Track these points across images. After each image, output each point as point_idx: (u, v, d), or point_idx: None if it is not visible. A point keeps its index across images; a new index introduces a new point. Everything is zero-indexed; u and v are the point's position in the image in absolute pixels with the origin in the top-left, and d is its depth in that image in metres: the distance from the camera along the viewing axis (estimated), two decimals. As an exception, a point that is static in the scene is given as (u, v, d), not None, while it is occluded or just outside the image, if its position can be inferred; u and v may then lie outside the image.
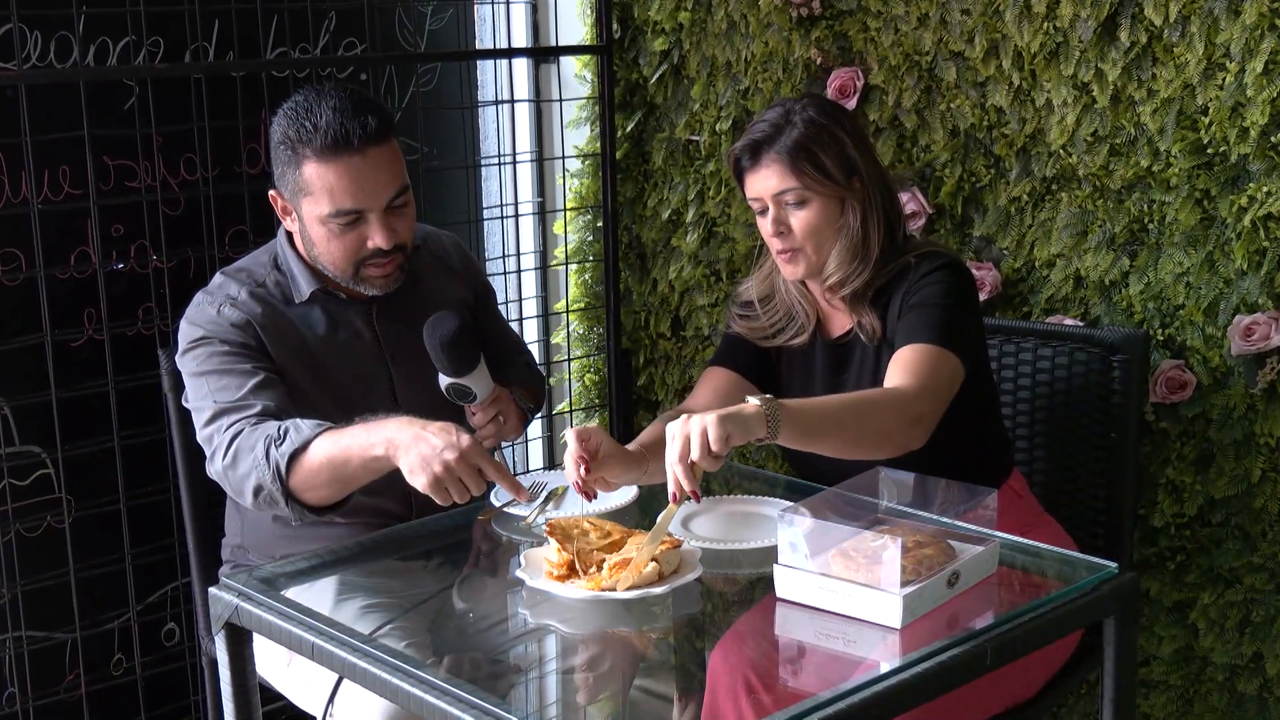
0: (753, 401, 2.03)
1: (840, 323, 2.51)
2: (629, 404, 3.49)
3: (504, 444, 2.68)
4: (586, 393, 3.59)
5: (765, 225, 2.43)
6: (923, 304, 2.35)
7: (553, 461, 3.66)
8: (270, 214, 2.98)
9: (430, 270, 2.65)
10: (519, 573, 2.08)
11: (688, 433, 1.98)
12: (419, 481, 2.17)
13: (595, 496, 2.19)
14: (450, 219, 3.30)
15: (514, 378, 2.71)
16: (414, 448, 2.17)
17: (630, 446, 2.25)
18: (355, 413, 2.48)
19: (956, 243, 2.96)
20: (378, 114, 2.38)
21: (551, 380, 3.54)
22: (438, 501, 2.18)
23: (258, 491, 2.30)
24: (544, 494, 2.44)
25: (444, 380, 2.50)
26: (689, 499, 2.01)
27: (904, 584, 1.88)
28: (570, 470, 2.15)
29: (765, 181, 2.40)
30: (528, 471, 2.87)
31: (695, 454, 1.97)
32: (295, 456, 2.26)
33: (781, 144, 2.38)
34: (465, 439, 2.17)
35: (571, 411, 3.59)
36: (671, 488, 2.01)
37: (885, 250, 2.42)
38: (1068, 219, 2.81)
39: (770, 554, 2.03)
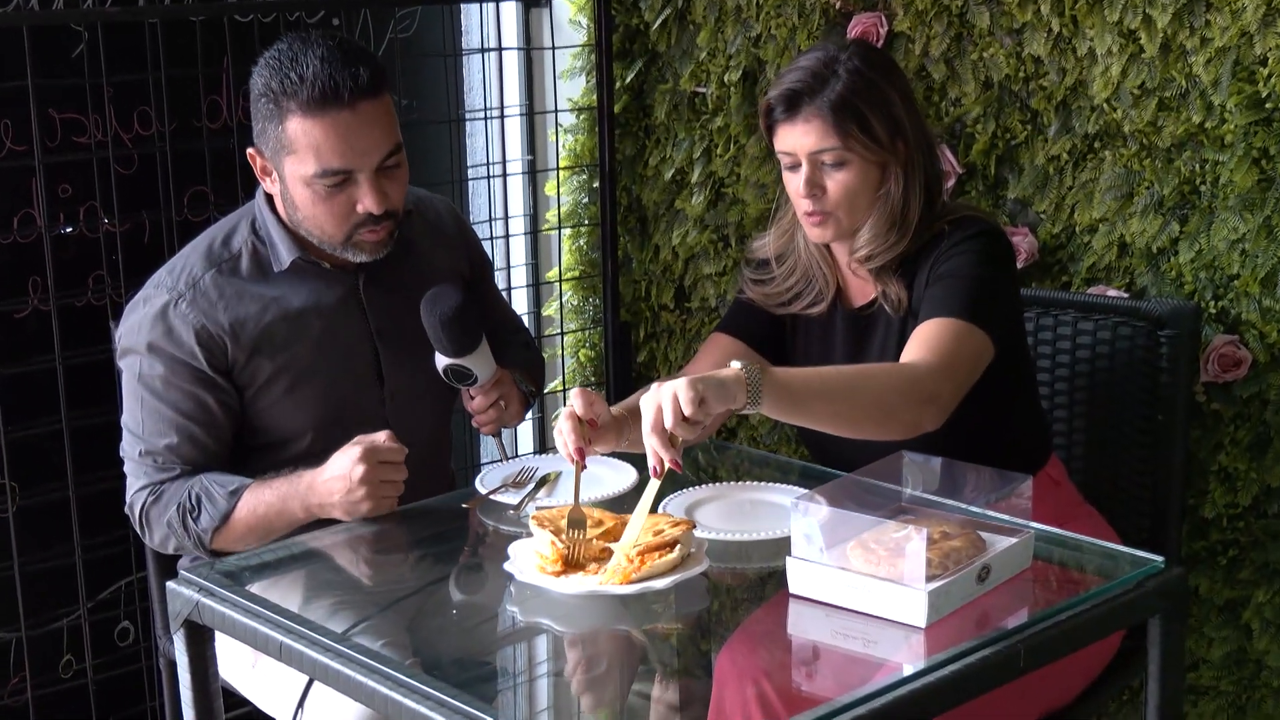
0: (734, 365, 2.04)
1: (863, 291, 2.51)
2: (628, 382, 3.49)
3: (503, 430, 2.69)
4: (581, 370, 3.60)
5: (795, 183, 2.42)
6: (951, 275, 2.35)
7: (544, 445, 3.67)
8: (233, 173, 2.98)
9: (423, 238, 2.65)
10: (508, 566, 2.09)
11: (659, 401, 2.00)
12: (364, 512, 2.33)
13: (585, 467, 2.20)
14: (432, 179, 3.30)
15: (512, 359, 2.72)
16: (333, 498, 2.34)
17: (614, 410, 2.26)
18: (337, 397, 2.50)
19: (989, 205, 2.96)
20: (369, 65, 2.38)
21: (543, 356, 3.54)
22: (392, 509, 2.36)
23: (178, 548, 2.50)
24: (534, 480, 2.44)
25: (442, 361, 2.51)
26: (672, 471, 2.02)
27: (929, 579, 1.88)
28: (569, 435, 2.16)
29: (802, 138, 2.39)
30: (517, 456, 2.87)
31: (669, 421, 1.98)
32: (216, 529, 2.43)
33: (824, 98, 2.37)
34: (355, 450, 2.32)
35: (565, 390, 3.60)
36: (650, 460, 2.02)
37: (922, 219, 2.42)
38: (1111, 180, 2.81)
39: (783, 546, 2.04)
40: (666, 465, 2.01)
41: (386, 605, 2.17)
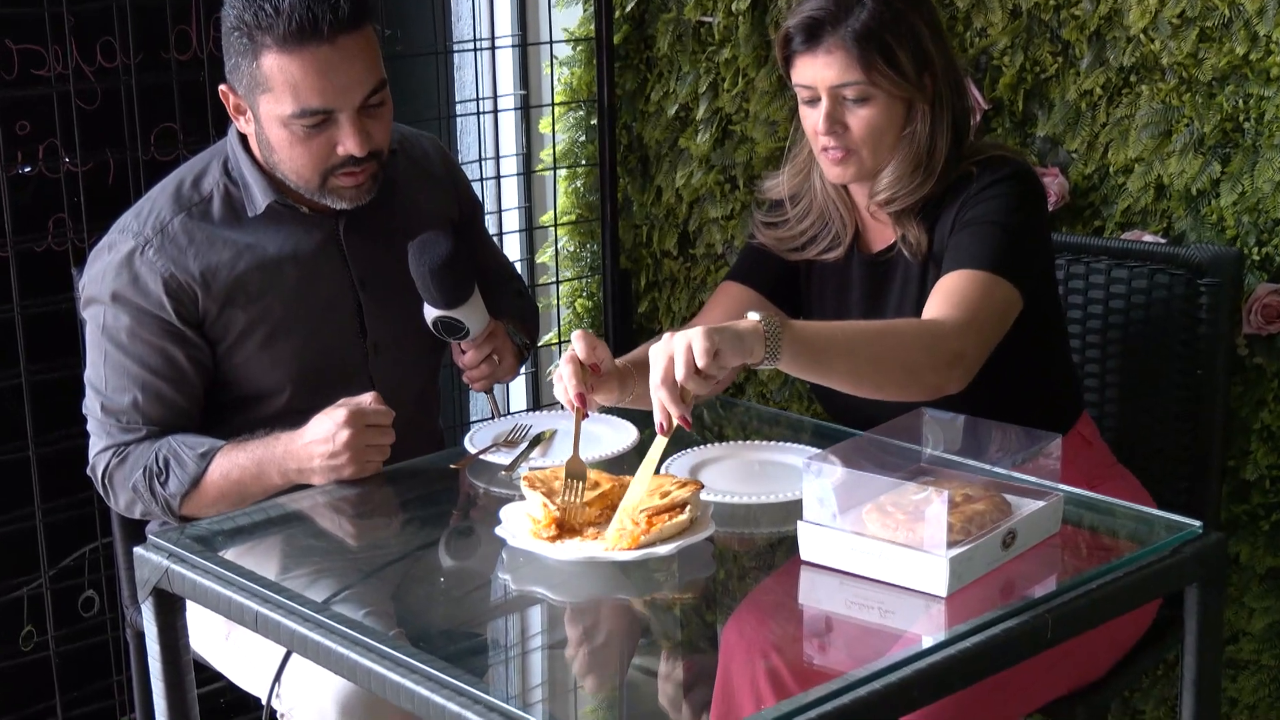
0: (752, 317, 2.03)
1: (882, 236, 2.51)
2: (628, 334, 3.49)
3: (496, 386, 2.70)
4: (578, 321, 3.60)
5: (813, 118, 2.41)
6: (978, 221, 2.35)
7: (538, 401, 3.67)
8: (203, 109, 2.97)
9: (408, 179, 2.65)
10: (500, 531, 2.09)
11: (670, 351, 1.98)
12: (346, 476, 2.34)
13: (588, 415, 2.19)
14: (417, 116, 3.29)
15: (505, 309, 2.72)
16: (313, 463, 2.34)
17: (618, 362, 2.25)
18: (317, 351, 2.50)
19: (1016, 143, 2.95)
20: None
21: (537, 306, 3.54)
22: (377, 471, 2.36)
23: (144, 514, 2.51)
24: (527, 439, 2.44)
25: (431, 313, 2.51)
26: (679, 429, 2.01)
27: (951, 545, 1.89)
28: (570, 380, 2.14)
29: (823, 70, 2.39)
30: (510, 413, 2.88)
31: (680, 374, 1.97)
32: (185, 494, 2.43)
33: (848, 27, 2.36)
34: (339, 412, 2.32)
35: (561, 344, 3.60)
36: (657, 416, 2.00)
37: (949, 159, 2.42)
38: (1149, 116, 2.81)
39: (794, 510, 2.04)
40: (675, 422, 2.01)
41: (370, 572, 2.17)
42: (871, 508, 1.96)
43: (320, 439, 2.32)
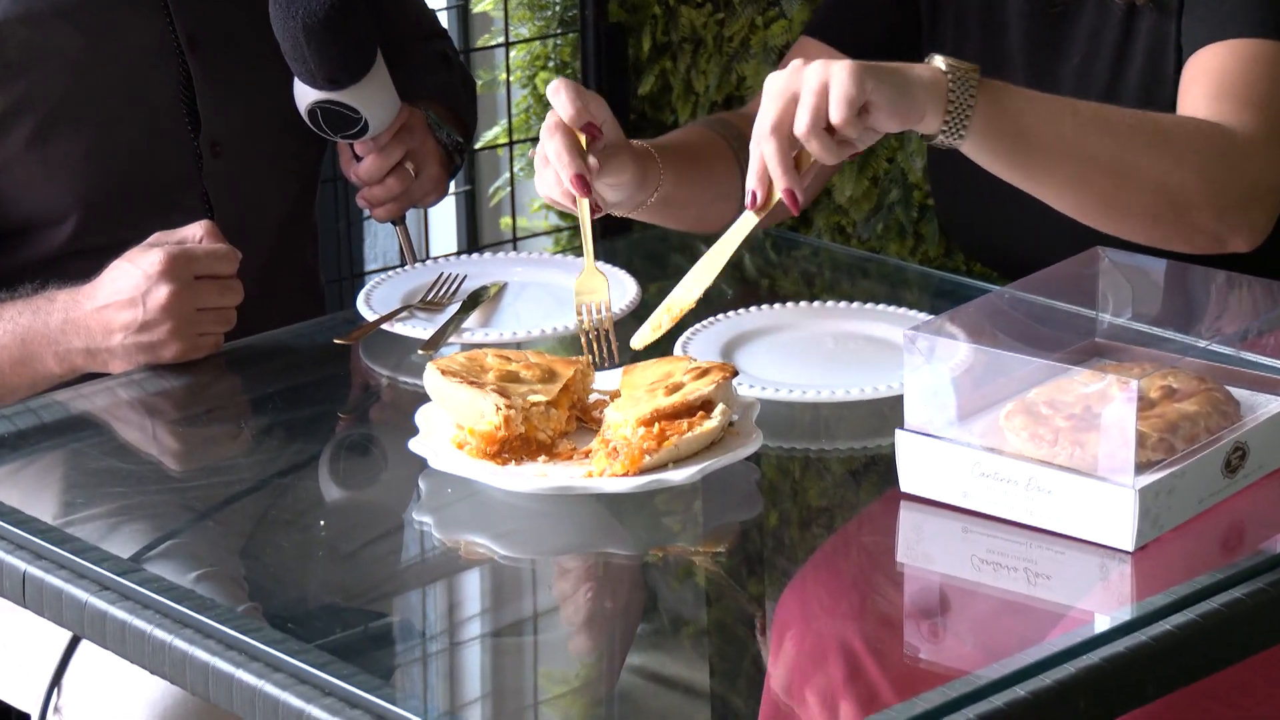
0: (937, 62, 2.05)
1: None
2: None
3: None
4: (540, 108, 3.60)
5: None
6: None
7: (473, 238, 3.68)
8: None
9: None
10: (415, 446, 2.10)
11: (795, 88, 2.00)
12: (166, 359, 2.38)
13: (599, 206, 2.25)
14: None
15: (424, 87, 2.75)
16: (113, 340, 2.38)
17: (635, 144, 2.33)
18: (121, 153, 2.54)
19: None
20: None
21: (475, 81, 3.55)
22: (214, 349, 2.41)
23: None
24: (455, 294, 2.46)
25: (309, 97, 2.54)
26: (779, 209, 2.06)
27: (1143, 468, 1.89)
28: (564, 155, 2.18)
29: None
30: (431, 258, 2.88)
31: (804, 123, 1.99)
32: None
33: None
34: (151, 257, 2.32)
35: (511, 144, 3.60)
36: (751, 182, 2.05)
37: None
38: None
39: (890, 413, 2.05)
40: (777, 195, 2.03)
41: (205, 512, 2.19)
42: (1015, 407, 1.96)
43: (123, 299, 2.33)
